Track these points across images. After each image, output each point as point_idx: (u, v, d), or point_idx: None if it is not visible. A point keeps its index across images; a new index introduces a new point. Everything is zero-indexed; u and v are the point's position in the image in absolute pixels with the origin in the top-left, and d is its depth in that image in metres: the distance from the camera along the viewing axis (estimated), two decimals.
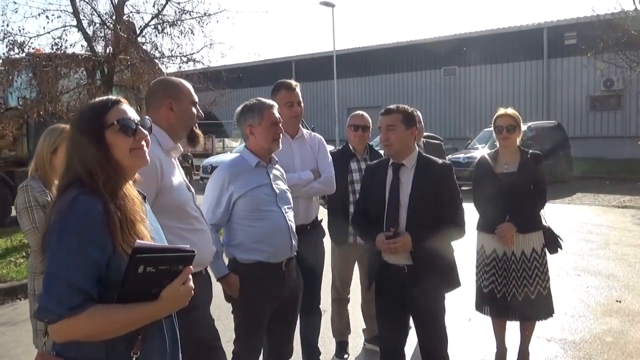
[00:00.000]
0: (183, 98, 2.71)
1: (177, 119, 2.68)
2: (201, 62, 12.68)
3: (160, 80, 2.85)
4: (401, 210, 3.19)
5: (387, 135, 3.24)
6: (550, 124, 17.27)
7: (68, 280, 1.58)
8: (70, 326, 1.58)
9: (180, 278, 1.70)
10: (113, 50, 11.46)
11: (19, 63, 11.17)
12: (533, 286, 4.02)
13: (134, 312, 1.64)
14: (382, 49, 28.49)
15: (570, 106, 23.26)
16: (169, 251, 1.69)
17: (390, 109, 3.30)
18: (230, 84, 16.27)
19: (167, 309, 1.72)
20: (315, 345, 4.14)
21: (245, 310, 3.15)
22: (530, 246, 4.04)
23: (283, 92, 3.84)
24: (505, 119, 4.11)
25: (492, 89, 25.19)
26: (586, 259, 7.41)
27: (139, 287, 1.63)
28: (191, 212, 2.65)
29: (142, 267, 1.58)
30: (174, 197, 2.56)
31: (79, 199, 1.65)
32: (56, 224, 1.64)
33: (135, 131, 1.82)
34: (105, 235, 1.64)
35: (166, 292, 1.68)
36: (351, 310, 4.65)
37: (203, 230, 2.72)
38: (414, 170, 3.25)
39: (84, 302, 1.58)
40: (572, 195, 13.73)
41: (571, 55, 22.87)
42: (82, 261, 1.60)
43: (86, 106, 1.87)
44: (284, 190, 3.27)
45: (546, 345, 4.64)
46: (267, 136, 3.15)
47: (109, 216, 1.65)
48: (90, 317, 1.58)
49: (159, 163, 2.50)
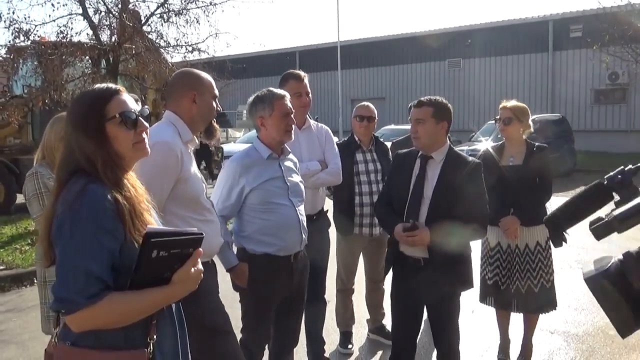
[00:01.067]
0: (205, 91, 2.71)
1: (198, 111, 2.69)
2: (206, 52, 12.68)
3: (184, 72, 2.86)
4: (423, 203, 3.17)
5: (416, 129, 3.20)
6: (555, 117, 17.21)
7: (86, 269, 1.58)
8: (89, 315, 1.58)
9: (191, 260, 1.72)
10: (118, 39, 11.47)
11: (25, 51, 11.18)
12: (536, 279, 4.03)
13: (149, 297, 1.66)
14: (387, 40, 28.38)
15: (574, 99, 23.18)
16: (178, 235, 1.70)
17: (422, 101, 3.23)
18: (235, 74, 16.25)
19: (180, 293, 1.74)
20: (319, 335, 4.16)
21: (252, 299, 3.17)
22: (534, 239, 4.05)
23: (292, 82, 3.84)
24: (503, 111, 4.13)
25: (497, 81, 25.12)
26: (589, 252, 7.41)
27: (152, 272, 1.64)
28: (204, 203, 2.68)
29: (156, 251, 1.60)
30: (190, 188, 2.59)
31: (88, 188, 1.65)
32: (66, 214, 1.63)
33: (136, 123, 1.80)
34: (117, 223, 1.64)
35: (178, 276, 1.69)
36: (355, 300, 4.68)
37: (213, 222, 2.74)
38: (442, 165, 3.22)
39: (101, 291, 1.59)
40: (576, 189, 13.69)
41: (576, 48, 22.76)
42: (97, 249, 1.60)
43: (84, 95, 1.84)
44: (297, 182, 3.26)
45: (549, 338, 4.67)
46: (279, 127, 3.13)
47: (118, 204, 1.66)
48: (109, 305, 1.59)
49: (179, 154, 2.52)
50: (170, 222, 2.39)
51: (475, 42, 25.39)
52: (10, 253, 7.54)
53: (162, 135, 2.52)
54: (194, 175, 2.63)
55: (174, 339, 1.82)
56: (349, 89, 29.11)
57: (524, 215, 3.98)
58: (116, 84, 1.89)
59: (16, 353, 4.67)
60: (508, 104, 4.16)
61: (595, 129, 22.82)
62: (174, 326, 1.84)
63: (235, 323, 3.30)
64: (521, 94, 23.26)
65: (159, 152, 2.31)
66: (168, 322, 1.81)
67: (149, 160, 1.89)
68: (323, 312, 4.16)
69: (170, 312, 1.82)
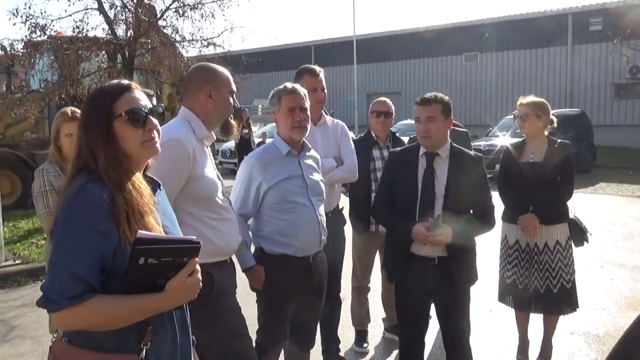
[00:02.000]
0: (222, 86, 2.65)
1: (214, 107, 2.62)
2: (221, 46, 12.67)
3: (201, 67, 2.80)
4: (437, 202, 3.11)
5: (427, 127, 3.11)
6: (574, 112, 16.98)
7: (70, 269, 1.55)
8: (71, 316, 1.56)
9: (185, 270, 1.65)
10: (134, 33, 11.50)
11: (41, 46, 11.25)
12: (556, 279, 3.94)
13: (138, 304, 1.61)
14: (403, 34, 28.16)
15: (594, 94, 22.85)
16: (173, 242, 1.65)
17: (428, 99, 3.16)
18: (250, 69, 16.24)
19: (173, 301, 1.68)
20: (335, 334, 4.11)
21: (270, 300, 3.12)
22: (554, 238, 3.96)
23: (307, 77, 3.77)
24: (520, 107, 4.06)
25: (514, 75, 24.82)
26: (610, 250, 7.29)
27: (142, 278, 1.60)
28: (219, 202, 2.61)
29: (143, 258, 1.55)
30: (203, 187, 2.53)
31: (85, 187, 1.62)
32: (62, 211, 1.61)
33: (146, 121, 1.75)
34: (111, 224, 1.60)
35: (171, 284, 1.64)
36: (370, 299, 4.62)
37: (231, 220, 2.68)
38: (448, 161, 3.18)
39: (84, 293, 1.55)
40: (595, 185, 13.52)
41: (596, 42, 22.41)
42: (85, 250, 1.57)
43: (96, 92, 1.81)
44: (317, 181, 3.18)
45: (569, 339, 4.57)
46: (286, 122, 3.06)
47: (114, 205, 1.61)
48: (92, 307, 1.55)
49: (192, 152, 2.47)
50: (183, 221, 2.34)
51: (493, 35, 25.10)
52: (27, 247, 7.58)
53: (175, 133, 2.47)
54: (208, 174, 2.57)
55: (172, 345, 1.77)
56: (365, 84, 28.98)
57: (543, 213, 3.90)
58: (132, 79, 1.83)
59: (31, 348, 4.68)
60: (525, 100, 4.07)
61: (615, 124, 22.46)
62: (174, 332, 1.78)
63: (251, 321, 3.26)
64: (539, 88, 22.97)
65: (169, 150, 2.27)
66: (167, 328, 1.76)
67: (159, 158, 1.84)
68: (338, 311, 4.11)
69: (171, 317, 1.77)
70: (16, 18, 11.05)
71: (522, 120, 4.02)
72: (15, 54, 11.30)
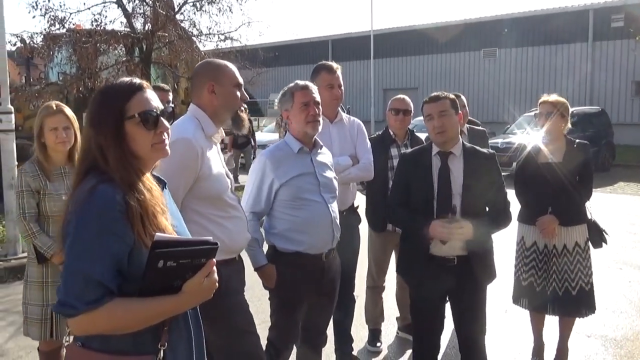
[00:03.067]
0: (225, 80, 2.63)
1: (219, 101, 2.61)
2: (238, 41, 12.68)
3: (203, 63, 2.79)
4: (454, 200, 3.08)
5: (442, 122, 3.08)
6: (594, 110, 16.75)
7: (86, 274, 1.53)
8: (89, 320, 1.53)
9: (203, 271, 1.64)
10: (152, 27, 11.55)
11: (60, 39, 11.34)
12: (575, 281, 3.89)
13: (156, 306, 1.60)
14: (420, 30, 27.94)
15: (614, 92, 22.54)
16: (190, 244, 1.63)
17: (437, 96, 3.17)
18: (267, 63, 16.23)
19: (190, 302, 1.67)
20: (348, 332, 4.09)
21: (282, 298, 3.11)
22: (572, 240, 3.90)
23: (324, 74, 3.74)
24: (545, 106, 3.96)
25: (533, 72, 24.54)
26: (629, 251, 7.18)
27: (160, 280, 1.58)
28: (228, 200, 2.61)
29: (162, 261, 1.53)
30: (211, 185, 2.52)
31: (97, 188, 1.58)
32: (74, 214, 1.57)
33: (157, 123, 1.72)
34: (126, 226, 1.58)
35: (188, 286, 1.62)
36: (384, 297, 4.60)
37: (239, 218, 2.67)
38: (463, 159, 3.15)
39: (102, 297, 1.53)
40: (614, 185, 13.33)
41: (617, 39, 22.11)
42: (101, 253, 1.54)
43: (106, 90, 1.76)
44: (330, 178, 3.16)
45: (586, 342, 4.51)
46: (300, 118, 3.04)
47: (128, 206, 1.59)
48: (110, 311, 1.53)
49: (200, 151, 2.46)
50: (190, 219, 2.33)
51: (512, 31, 24.84)
52: None
53: (183, 132, 2.46)
54: (216, 172, 2.56)
55: (188, 344, 1.77)
56: (382, 79, 28.85)
57: (562, 214, 3.84)
58: (149, 72, 1.82)
59: None
60: (550, 98, 3.98)
61: (635, 122, 22.14)
62: (189, 331, 1.78)
63: (265, 317, 3.26)
64: (559, 85, 22.72)
65: (178, 149, 2.26)
66: (182, 327, 1.75)
67: (167, 157, 1.82)
68: (352, 310, 4.09)
69: (185, 316, 1.76)
70: (35, 11, 11.17)
71: (545, 118, 3.94)
72: (35, 47, 11.40)
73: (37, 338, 3.35)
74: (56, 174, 3.37)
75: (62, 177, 3.38)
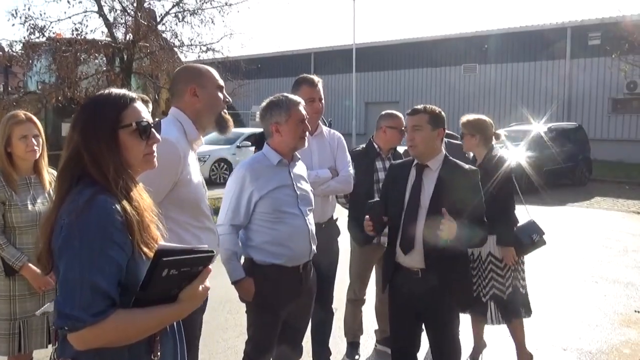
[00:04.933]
0: (207, 82, 2.61)
1: (202, 104, 2.58)
2: (220, 52, 12.68)
3: (182, 68, 2.78)
4: (420, 212, 3.10)
5: (412, 136, 3.14)
6: (571, 126, 17.01)
7: (93, 284, 1.50)
8: (94, 333, 1.50)
9: (200, 279, 1.64)
10: (133, 37, 11.50)
11: (39, 47, 11.25)
12: (487, 288, 3.99)
13: (157, 315, 1.59)
14: (402, 44, 28.21)
15: (591, 108, 22.91)
16: (189, 253, 1.63)
17: (417, 109, 3.20)
18: (249, 75, 16.22)
19: (186, 311, 1.67)
20: (326, 345, 4.08)
21: (259, 311, 3.09)
22: (486, 250, 3.98)
23: (305, 88, 3.75)
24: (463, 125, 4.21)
25: (513, 87, 24.87)
26: (604, 265, 7.27)
27: (160, 290, 1.58)
28: (205, 209, 2.59)
29: (166, 270, 1.53)
30: (190, 192, 2.50)
31: (97, 198, 1.56)
32: (74, 226, 1.54)
33: (150, 134, 1.74)
34: (126, 236, 1.58)
35: (185, 294, 1.62)
36: (363, 310, 4.59)
37: (211, 230, 2.65)
38: (438, 173, 3.16)
39: (108, 308, 1.51)
40: (591, 199, 13.52)
41: (594, 56, 22.51)
42: (106, 263, 1.53)
43: (101, 98, 1.75)
44: (307, 190, 3.18)
45: (562, 354, 4.54)
46: (295, 134, 3.03)
47: (127, 215, 1.59)
48: (114, 323, 1.51)
49: (182, 154, 2.44)
50: (166, 226, 2.31)
51: (492, 47, 25.19)
52: None
53: (167, 133, 2.42)
54: (195, 179, 2.54)
55: (174, 353, 1.78)
56: (364, 92, 29.01)
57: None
58: (130, 83, 1.83)
59: None
60: (463, 119, 4.26)
61: (612, 138, 22.52)
62: (175, 340, 1.79)
63: (242, 330, 3.23)
64: (537, 101, 23.05)
65: (161, 150, 2.24)
66: (170, 337, 1.76)
67: None
68: (330, 322, 4.08)
69: (172, 327, 1.77)
70: (15, 19, 11.06)
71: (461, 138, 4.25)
72: (13, 55, 11.29)
73: (5, 353, 3.26)
74: (21, 184, 3.25)
75: (27, 187, 3.27)
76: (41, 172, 3.32)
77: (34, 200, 3.24)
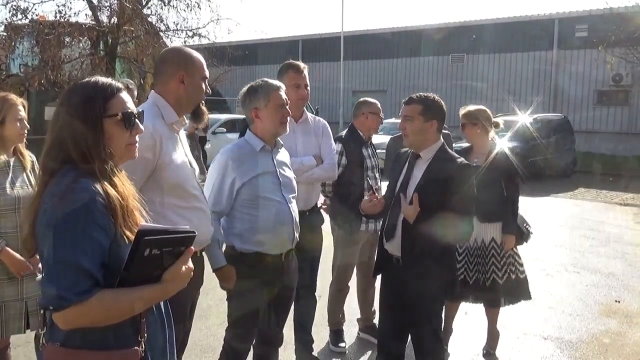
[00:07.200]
0: (195, 72, 2.59)
1: (185, 92, 2.57)
2: (207, 38, 12.58)
3: (174, 50, 2.74)
4: (405, 202, 3.11)
5: (404, 125, 3.18)
6: (557, 117, 17.08)
7: (77, 265, 1.53)
8: (78, 313, 1.53)
9: (183, 259, 1.68)
10: (118, 20, 11.36)
11: (22, 29, 11.07)
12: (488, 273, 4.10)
13: (140, 295, 1.62)
14: (390, 33, 28.16)
15: (577, 99, 23.05)
16: (171, 233, 1.66)
17: (411, 98, 3.19)
18: (236, 61, 16.12)
19: (169, 291, 1.70)
20: (309, 332, 4.07)
21: (240, 299, 3.06)
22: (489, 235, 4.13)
23: (291, 73, 3.71)
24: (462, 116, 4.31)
25: (500, 78, 24.95)
26: (586, 256, 7.34)
27: (143, 270, 1.61)
28: (191, 190, 2.55)
29: (148, 249, 1.56)
30: (172, 174, 2.46)
31: (80, 181, 1.60)
32: (57, 208, 1.57)
33: (134, 125, 1.78)
34: (108, 218, 1.61)
35: (168, 274, 1.66)
36: (346, 298, 4.59)
37: (202, 210, 2.61)
38: (428, 164, 3.15)
39: (92, 287, 1.54)
40: (575, 190, 13.63)
41: (581, 48, 22.62)
42: (89, 244, 1.56)
43: (87, 85, 1.76)
44: (290, 177, 3.15)
45: (542, 343, 4.58)
46: (274, 119, 3.00)
47: (110, 199, 1.62)
48: (99, 302, 1.54)
49: (159, 139, 2.41)
50: (151, 210, 2.28)
51: (480, 37, 25.22)
52: None
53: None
54: (177, 160, 2.50)
55: (162, 336, 1.81)
56: (351, 81, 28.94)
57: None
58: (114, 67, 1.82)
59: None
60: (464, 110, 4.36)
61: (597, 130, 22.70)
62: (162, 322, 1.82)
63: (224, 317, 3.22)
64: (524, 91, 23.15)
65: None
66: (157, 319, 1.79)
67: None
68: (313, 309, 4.07)
69: (159, 309, 1.81)
70: None
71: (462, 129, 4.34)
72: None
73: None
74: (1, 168, 3.18)
75: (6, 171, 3.19)
76: (23, 153, 3.29)
77: (12, 184, 3.18)
